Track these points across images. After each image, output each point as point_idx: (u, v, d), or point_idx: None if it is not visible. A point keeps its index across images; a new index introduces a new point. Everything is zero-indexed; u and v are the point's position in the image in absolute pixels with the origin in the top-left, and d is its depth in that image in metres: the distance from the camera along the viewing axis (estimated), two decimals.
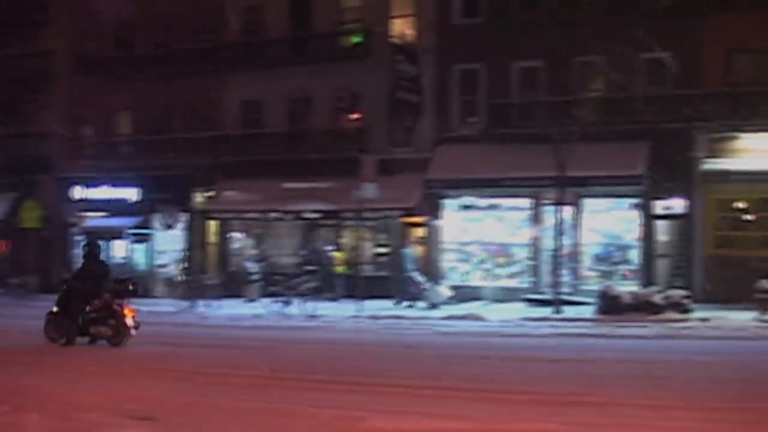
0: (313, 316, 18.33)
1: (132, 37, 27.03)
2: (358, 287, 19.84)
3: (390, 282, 21.52)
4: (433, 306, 19.60)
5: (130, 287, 12.90)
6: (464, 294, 20.57)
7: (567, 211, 19.55)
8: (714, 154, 19.65)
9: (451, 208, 21.98)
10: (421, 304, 19.90)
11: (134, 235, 26.52)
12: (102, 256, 14.06)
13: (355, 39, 23.56)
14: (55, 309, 12.91)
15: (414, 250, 21.37)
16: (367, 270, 21.92)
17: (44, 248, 28.30)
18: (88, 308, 12.57)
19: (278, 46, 24.52)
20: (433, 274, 21.43)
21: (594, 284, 19.52)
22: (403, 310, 19.58)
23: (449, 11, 22.16)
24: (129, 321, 12.41)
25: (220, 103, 25.59)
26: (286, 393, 8.53)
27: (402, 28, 23.00)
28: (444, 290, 20.34)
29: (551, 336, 14.49)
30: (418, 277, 20.50)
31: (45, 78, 28.93)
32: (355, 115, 23.80)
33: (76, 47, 28.05)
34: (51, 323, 12.87)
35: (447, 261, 21.95)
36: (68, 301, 12.71)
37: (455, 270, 21.87)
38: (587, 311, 17.52)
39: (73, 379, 9.69)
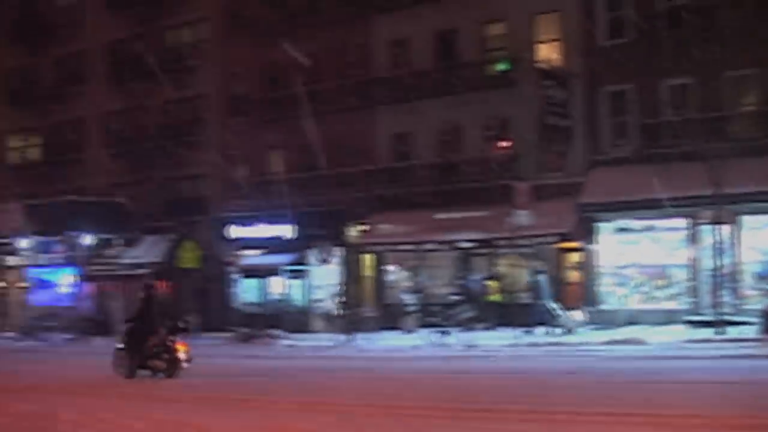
0: (471, 346, 21.58)
1: (281, 76, 32.85)
2: (514, 315, 23.94)
3: (540, 309, 25.21)
4: (568, 332, 23.12)
5: (182, 325, 17.03)
6: (622, 318, 24.22)
7: (725, 230, 22.77)
8: None
9: (606, 232, 25.76)
10: (556, 330, 23.28)
11: (290, 271, 31.96)
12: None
13: (501, 66, 28.07)
14: (120, 345, 17.22)
15: (546, 277, 24.74)
16: (523, 297, 25.89)
17: (203, 287, 34.46)
18: (146, 344, 16.69)
19: (425, 77, 29.43)
20: (591, 299, 25.27)
21: (756, 303, 22.33)
22: (557, 337, 22.98)
23: (595, 33, 26.16)
24: (181, 355, 16.17)
25: (370, 138, 30.80)
26: (451, 423, 9.96)
27: (548, 52, 27.29)
28: (578, 315, 23.96)
29: (715, 358, 16.54)
30: (552, 304, 24.02)
31: (198, 121, 35.52)
32: (504, 143, 28.19)
33: (227, 90, 34.40)
34: (117, 358, 16.96)
35: (604, 285, 25.67)
36: (130, 339, 16.96)
37: (612, 294, 25.56)
38: (750, 331, 20.05)
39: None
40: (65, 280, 38.18)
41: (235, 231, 33.54)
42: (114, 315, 33.71)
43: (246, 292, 33.60)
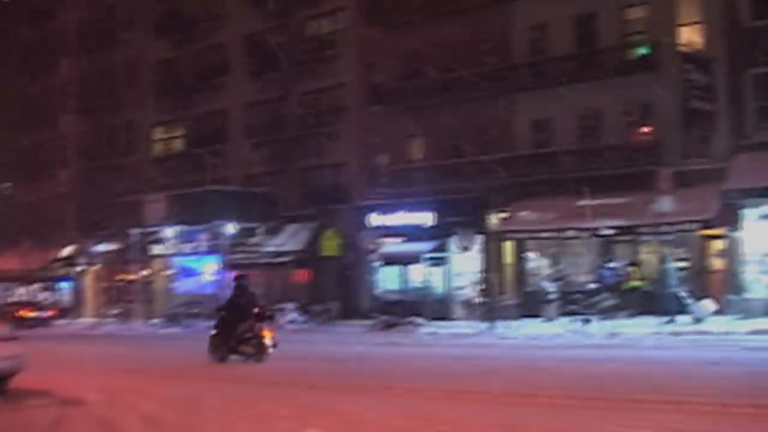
0: (613, 334, 23.74)
1: (419, 64, 36.48)
2: (652, 303, 26.64)
3: (669, 297, 27.34)
4: (698, 321, 25.38)
5: (268, 314, 20.42)
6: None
7: None
8: None
9: (750, 218, 28.01)
10: (685, 319, 25.52)
11: (431, 259, 35.54)
12: (250, 289, 20.87)
13: (642, 50, 30.71)
14: (213, 332, 20.43)
15: (676, 265, 27.06)
16: (658, 285, 28.21)
17: (344, 275, 38.61)
18: (236, 331, 19.65)
19: (565, 63, 32.38)
20: (735, 287, 27.67)
21: None
22: (686, 326, 25.07)
23: (738, 15, 28.42)
24: (267, 341, 19.28)
25: (509, 124, 34.04)
26: (588, 414, 10.91)
27: (690, 36, 29.73)
28: (709, 305, 26.20)
29: None
30: (682, 293, 26.36)
31: (338, 110, 39.66)
32: (646, 128, 30.81)
33: (366, 79, 38.33)
34: (211, 344, 20.17)
35: (748, 273, 27.96)
36: (222, 326, 20.33)
37: (757, 282, 27.83)
38: None
39: None
40: (208, 269, 43.18)
41: (375, 219, 37.26)
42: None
43: (386, 280, 37.34)
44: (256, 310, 19.88)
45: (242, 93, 43.42)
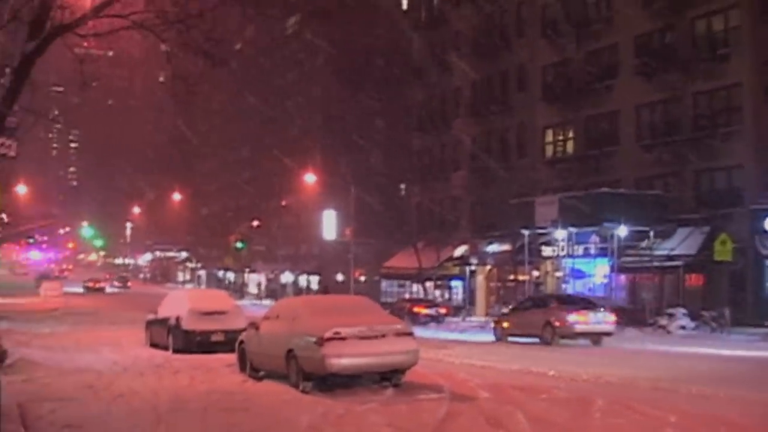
0: None
1: None
2: None
3: None
4: None
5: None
6: None
7: None
8: None
9: None
10: None
11: None
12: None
13: None
14: None
15: None
16: None
17: (736, 281, 41.14)
18: None
19: None
20: None
21: None
22: None
23: None
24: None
25: None
26: None
27: None
28: None
29: None
30: None
31: (732, 111, 42.34)
32: None
33: (763, 77, 40.65)
34: None
35: None
36: None
37: None
38: None
39: None
40: (599, 271, 47.53)
41: None
42: (648, 306, 42.17)
43: None
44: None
45: (633, 94, 47.25)
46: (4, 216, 70.95)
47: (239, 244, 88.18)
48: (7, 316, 44.24)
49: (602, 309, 33.89)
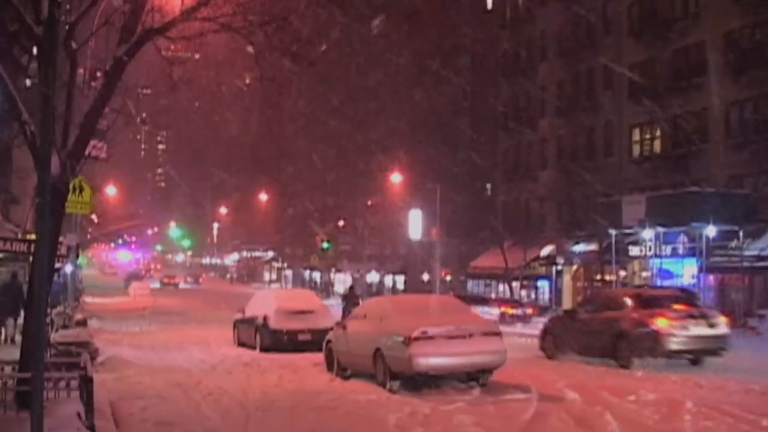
0: None
1: None
2: None
3: None
4: None
5: None
6: None
7: None
8: None
9: None
10: None
11: None
12: None
13: None
14: None
15: None
16: None
17: None
18: None
19: None
20: None
21: None
22: None
23: None
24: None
25: None
26: None
27: None
28: None
29: None
30: None
31: None
32: None
33: None
34: None
35: None
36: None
37: None
38: None
39: None
40: (687, 271, 47.34)
41: None
42: (738, 307, 41.93)
43: None
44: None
45: (722, 92, 46.92)
46: (94, 217, 73.26)
47: (325, 244, 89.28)
48: (98, 315, 45.85)
49: (708, 309, 26.39)
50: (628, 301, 24.12)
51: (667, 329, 22.12)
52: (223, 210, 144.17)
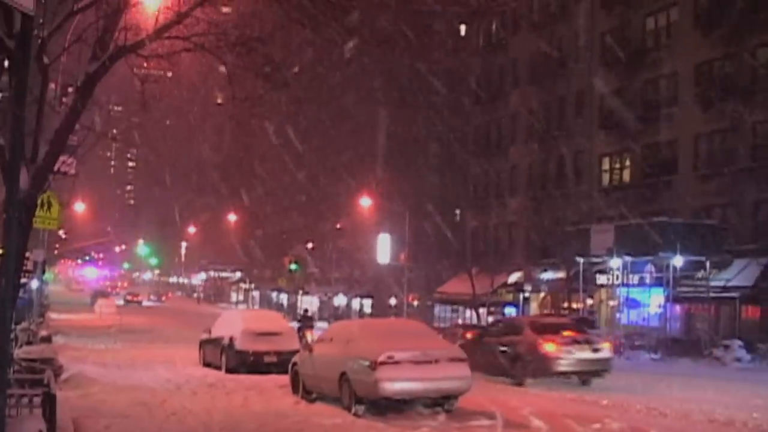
0: None
1: None
2: None
3: None
4: None
5: None
6: None
7: None
8: None
9: None
10: None
11: None
12: None
13: None
14: None
15: None
16: None
17: None
18: None
19: None
20: None
21: None
22: None
23: None
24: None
25: None
26: None
27: None
28: None
29: None
30: None
31: None
32: None
33: None
34: None
35: None
36: None
37: None
38: None
39: None
40: (654, 301, 47.64)
41: None
42: (703, 337, 42.18)
43: None
44: None
45: (692, 123, 47.44)
46: (62, 232, 72.67)
47: (293, 266, 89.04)
48: (63, 332, 45.49)
49: (593, 335, 28.93)
50: (525, 328, 26.79)
51: (555, 353, 24.81)
52: (191, 229, 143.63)
